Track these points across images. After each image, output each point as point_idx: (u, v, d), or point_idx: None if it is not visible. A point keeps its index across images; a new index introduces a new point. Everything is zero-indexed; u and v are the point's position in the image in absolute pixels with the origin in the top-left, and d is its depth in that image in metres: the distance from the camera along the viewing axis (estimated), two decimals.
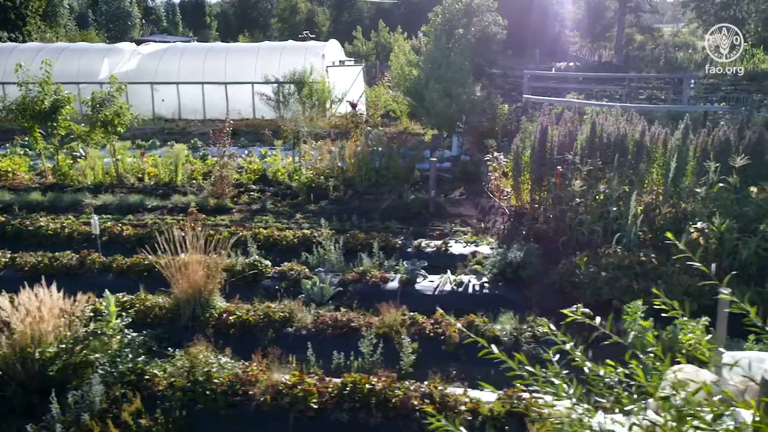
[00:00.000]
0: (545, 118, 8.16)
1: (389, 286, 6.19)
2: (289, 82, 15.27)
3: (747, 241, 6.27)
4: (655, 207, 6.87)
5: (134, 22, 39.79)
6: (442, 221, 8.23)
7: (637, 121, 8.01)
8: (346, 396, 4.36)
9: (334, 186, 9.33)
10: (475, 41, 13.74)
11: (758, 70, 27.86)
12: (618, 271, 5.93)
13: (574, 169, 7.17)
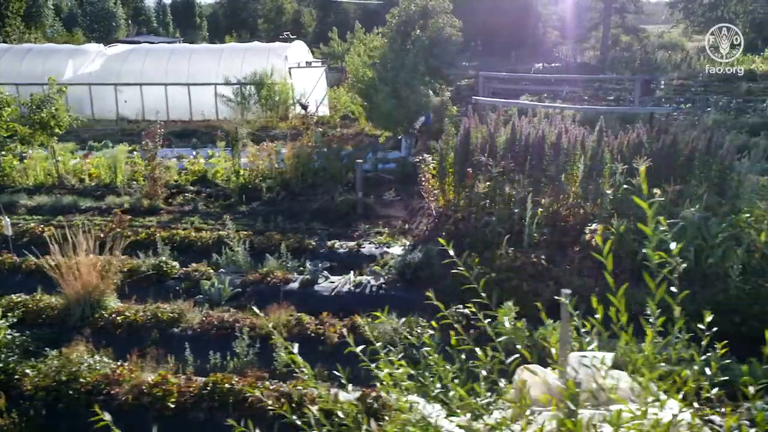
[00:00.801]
0: (468, 121, 8.22)
1: (289, 287, 6.24)
2: (247, 84, 15.37)
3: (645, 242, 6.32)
4: (557, 208, 6.92)
5: (119, 23, 39.87)
6: (368, 222, 8.28)
7: (558, 123, 8.07)
8: (205, 396, 4.41)
9: (268, 187, 9.39)
10: (429, 43, 13.79)
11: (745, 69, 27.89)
12: (510, 272, 5.98)
13: (485, 171, 7.23)
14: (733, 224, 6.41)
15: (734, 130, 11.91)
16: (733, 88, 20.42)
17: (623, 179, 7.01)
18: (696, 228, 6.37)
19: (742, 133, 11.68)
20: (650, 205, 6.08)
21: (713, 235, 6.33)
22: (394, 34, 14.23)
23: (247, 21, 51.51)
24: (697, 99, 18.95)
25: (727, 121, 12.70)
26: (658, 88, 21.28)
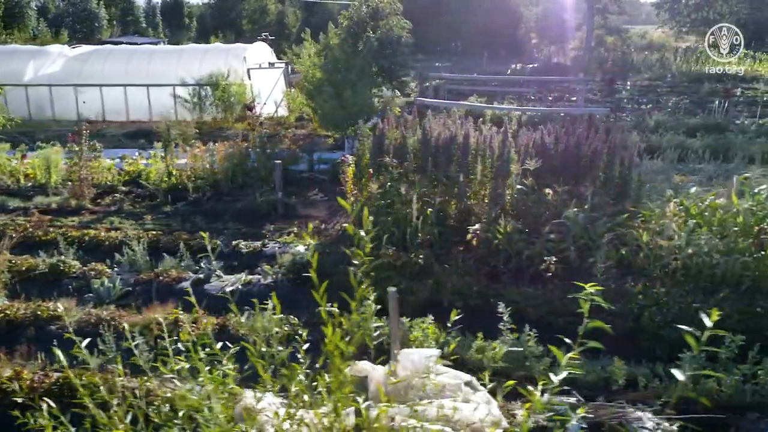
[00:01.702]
0: (384, 123, 8.33)
1: (180, 286, 6.34)
2: (201, 85, 15.47)
3: (530, 240, 6.45)
4: (454, 208, 7.02)
5: (102, 24, 39.98)
6: (286, 222, 8.38)
7: (470, 123, 8.16)
8: (56, 391, 4.52)
9: (194, 188, 9.49)
10: (379, 44, 13.90)
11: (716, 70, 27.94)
12: (391, 271, 6.09)
13: (385, 172, 7.34)
14: (619, 224, 6.52)
15: (672, 131, 12.01)
16: (699, 89, 20.52)
17: (518, 180, 7.14)
18: (581, 228, 6.48)
19: (679, 134, 11.78)
20: (539, 206, 6.19)
21: (598, 234, 6.44)
22: (346, 35, 14.35)
23: (235, 21, 51.51)
24: (661, 99, 19.08)
25: (668, 122, 12.80)
26: (624, 89, 21.38)
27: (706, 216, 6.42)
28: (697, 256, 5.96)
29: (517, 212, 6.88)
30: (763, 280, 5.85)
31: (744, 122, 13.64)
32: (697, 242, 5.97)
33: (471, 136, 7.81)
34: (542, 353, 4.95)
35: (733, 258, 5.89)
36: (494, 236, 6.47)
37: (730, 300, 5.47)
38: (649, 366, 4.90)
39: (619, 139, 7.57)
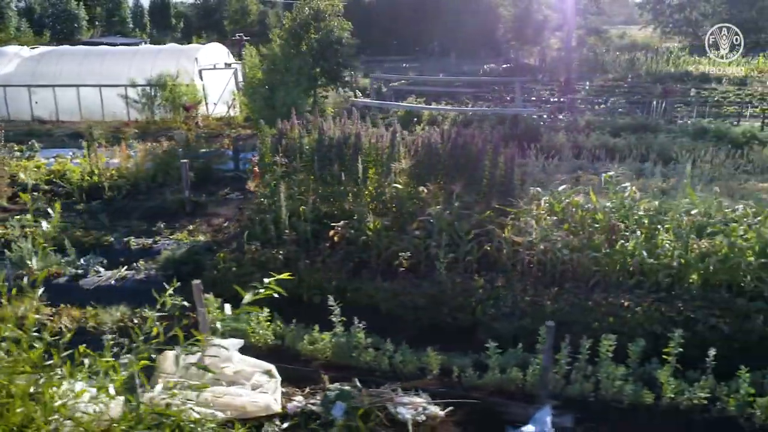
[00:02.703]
0: (285, 124, 8.52)
1: (57, 281, 6.55)
2: (149, 85, 15.66)
3: (399, 237, 6.63)
4: (332, 206, 7.21)
5: (81, 24, 40.20)
6: (191, 220, 8.57)
7: (363, 123, 8.34)
8: None
9: (110, 186, 9.67)
10: (319, 45, 14.08)
11: (681, 70, 28.12)
12: (254, 266, 6.28)
13: (271, 170, 7.53)
14: (483, 221, 6.70)
15: (599, 131, 12.19)
16: (655, 89, 20.69)
17: (393, 179, 7.34)
18: (447, 225, 6.66)
19: (605, 134, 11.97)
20: (409, 203, 6.42)
21: (465, 231, 6.62)
22: (287, 36, 14.54)
23: (219, 22, 51.72)
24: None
25: (597, 122, 12.98)
26: (584, 89, 21.57)
27: (566, 213, 6.60)
28: (550, 252, 6.14)
29: (392, 209, 7.07)
30: (612, 274, 6.04)
31: (679, 122, 13.82)
32: (550, 238, 6.15)
33: (362, 136, 8.00)
34: (369, 344, 5.15)
35: (584, 254, 6.08)
36: (363, 233, 6.66)
37: (568, 294, 5.65)
38: (475, 356, 5.09)
39: (498, 139, 7.74)
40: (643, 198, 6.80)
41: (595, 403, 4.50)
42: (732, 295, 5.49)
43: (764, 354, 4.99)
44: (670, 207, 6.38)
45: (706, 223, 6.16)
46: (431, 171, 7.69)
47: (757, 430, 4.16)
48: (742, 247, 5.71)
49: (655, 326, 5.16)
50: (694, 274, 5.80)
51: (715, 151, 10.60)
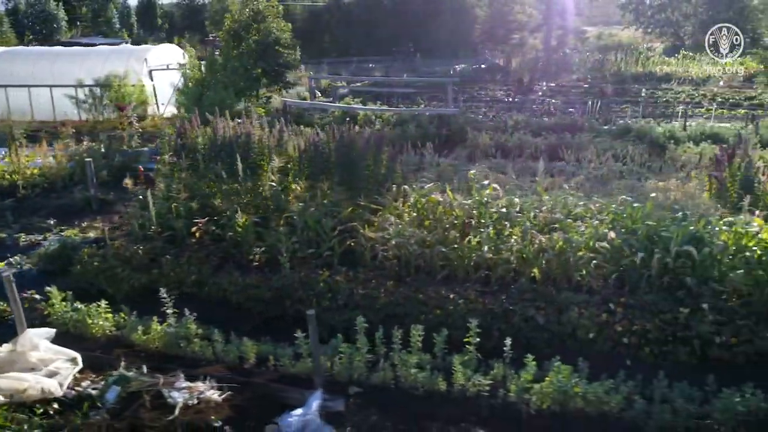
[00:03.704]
0: (186, 124, 8.73)
1: None
2: (95, 86, 15.86)
3: (267, 234, 6.84)
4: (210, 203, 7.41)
5: (60, 25, 40.44)
6: (93, 217, 8.78)
7: (258, 124, 8.55)
8: None
9: (24, 185, 9.88)
10: (256, 47, 14.29)
11: (646, 70, 28.26)
12: (118, 261, 6.48)
13: (163, 168, 7.74)
14: (347, 218, 6.90)
15: (522, 130, 12.40)
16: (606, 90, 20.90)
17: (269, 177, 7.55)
18: (314, 221, 6.87)
19: (527, 134, 12.17)
20: (283, 201, 6.60)
21: (331, 228, 6.83)
22: (227, 37, 14.75)
23: (203, 22, 51.87)
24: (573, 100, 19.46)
25: (524, 122, 13.18)
26: (541, 89, 21.78)
27: (427, 210, 6.81)
28: (403, 247, 6.34)
29: (269, 206, 7.27)
30: (460, 269, 6.25)
31: (620, 122, 14.00)
32: (403, 234, 6.36)
33: (253, 136, 8.22)
34: (205, 335, 5.36)
35: (434, 249, 6.28)
36: (232, 229, 6.87)
37: (405, 287, 5.85)
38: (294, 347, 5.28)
39: (379, 139, 7.94)
40: (507, 195, 7.00)
41: (395, 390, 4.71)
42: (562, 289, 5.71)
43: (577, 344, 5.21)
44: (524, 204, 6.58)
45: (552, 219, 6.37)
46: (319, 169, 7.93)
47: (533, 415, 4.36)
48: (577, 242, 5.92)
49: (475, 318, 5.36)
50: (535, 268, 6.01)
51: (630, 149, 10.79)
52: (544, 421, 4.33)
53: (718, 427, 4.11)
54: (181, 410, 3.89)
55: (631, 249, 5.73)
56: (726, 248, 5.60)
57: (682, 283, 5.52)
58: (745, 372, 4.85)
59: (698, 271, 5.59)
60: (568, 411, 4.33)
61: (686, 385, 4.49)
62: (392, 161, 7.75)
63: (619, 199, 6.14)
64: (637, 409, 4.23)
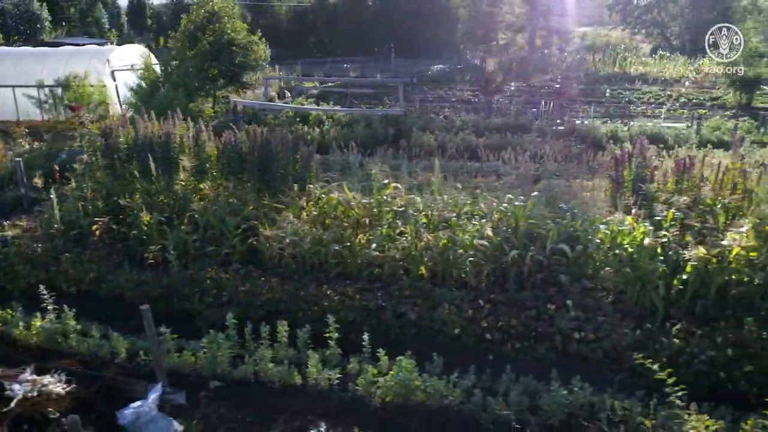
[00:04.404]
0: (113, 123, 8.84)
1: None
2: (56, 86, 15.96)
3: (167, 230, 6.95)
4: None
5: (44, 25, 40.54)
6: (20, 216, 8.89)
7: (182, 124, 8.65)
8: None
9: None
10: (210, 47, 14.39)
11: (620, 71, 28.35)
12: (18, 258, 6.60)
13: (74, 168, 7.86)
14: (248, 216, 7.01)
15: (466, 130, 12.51)
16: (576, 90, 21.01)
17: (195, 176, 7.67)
18: (219, 220, 6.98)
19: (470, 134, 12.28)
20: (193, 200, 6.65)
21: (235, 226, 6.94)
22: (183, 38, 14.85)
23: None
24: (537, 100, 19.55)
25: (470, 122, 13.30)
26: (509, 89, 21.88)
27: (329, 208, 6.92)
28: (298, 245, 6.45)
29: (173, 205, 7.38)
30: (352, 267, 6.36)
31: (579, 122, 14.09)
32: (298, 233, 6.47)
33: (174, 136, 8.32)
34: (83, 330, 5.47)
35: (328, 247, 6.39)
36: (138, 227, 6.98)
37: (288, 284, 5.96)
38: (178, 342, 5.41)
39: (296, 139, 8.06)
40: (409, 193, 7.11)
41: (254, 384, 4.83)
42: (442, 286, 5.83)
43: (446, 339, 5.33)
44: (419, 203, 6.69)
45: (445, 218, 6.48)
46: (236, 169, 8.04)
47: (378, 407, 4.48)
48: (461, 240, 6.03)
49: (349, 314, 5.48)
50: (422, 266, 6.12)
51: (567, 148, 10.91)
52: (387, 414, 4.45)
53: (547, 418, 4.23)
54: (19, 402, 4.00)
55: (511, 247, 5.85)
56: (600, 246, 5.72)
57: (557, 280, 5.64)
58: (602, 367, 4.99)
59: (573, 269, 5.71)
60: (410, 404, 4.45)
61: (531, 379, 4.61)
62: (306, 161, 7.85)
63: (506, 198, 6.24)
64: (474, 402, 4.35)
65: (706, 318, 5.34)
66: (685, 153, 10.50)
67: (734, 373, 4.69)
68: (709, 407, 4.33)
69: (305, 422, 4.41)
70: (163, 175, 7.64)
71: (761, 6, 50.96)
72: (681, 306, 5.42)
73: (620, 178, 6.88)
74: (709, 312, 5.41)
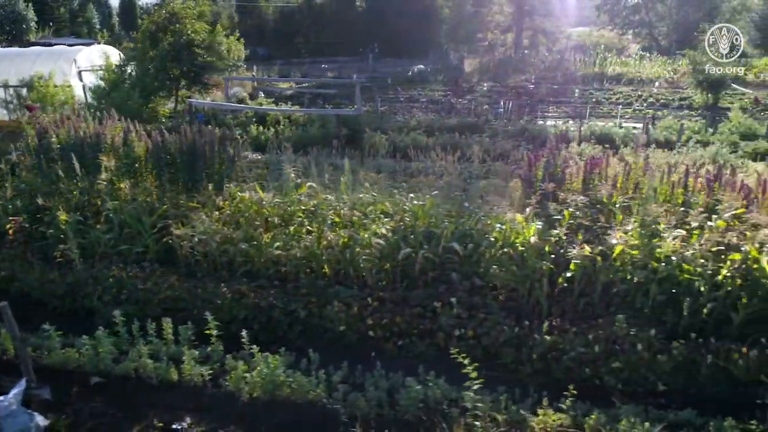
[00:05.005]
0: (48, 123, 8.92)
1: None
2: (20, 86, 16.06)
3: (85, 230, 7.04)
4: None
5: (29, 25, 40.69)
6: None
7: (117, 124, 8.73)
8: None
9: None
10: (170, 48, 14.48)
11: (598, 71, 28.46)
12: None
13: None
14: (162, 214, 7.09)
15: (418, 130, 12.61)
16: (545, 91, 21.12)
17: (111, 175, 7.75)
18: (135, 219, 7.07)
19: (421, 134, 12.39)
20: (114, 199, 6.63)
21: (150, 225, 7.02)
22: (144, 39, 14.94)
23: None
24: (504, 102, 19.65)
25: (425, 122, 13.40)
26: (481, 90, 22.00)
27: (242, 207, 7.01)
28: (207, 244, 6.54)
29: (93, 204, 7.46)
30: (259, 265, 6.44)
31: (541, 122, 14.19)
32: (207, 232, 6.55)
33: (103, 136, 8.41)
34: None
35: (235, 246, 6.48)
36: (55, 226, 7.05)
37: (189, 282, 6.05)
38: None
39: (220, 139, 8.14)
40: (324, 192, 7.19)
41: (135, 380, 4.91)
42: (339, 285, 5.92)
43: (334, 336, 5.42)
44: (326, 203, 6.78)
45: (352, 217, 6.56)
46: (163, 169, 8.12)
47: (246, 402, 4.57)
48: (362, 239, 6.12)
49: (241, 312, 5.58)
50: (324, 264, 6.21)
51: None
52: (254, 408, 4.54)
53: (403, 413, 4.32)
54: None
55: (407, 245, 5.94)
56: (492, 245, 5.81)
57: (449, 278, 5.73)
58: (481, 363, 5.08)
59: (465, 267, 5.80)
60: (277, 399, 4.54)
61: (401, 376, 4.70)
62: (231, 161, 7.95)
63: (409, 197, 6.34)
64: (335, 397, 4.44)
65: (594, 316, 5.44)
66: (630, 153, 10.61)
67: (601, 369, 4.79)
68: (570, 402, 4.41)
69: (174, 417, 4.50)
70: (87, 175, 7.71)
71: (750, 6, 51.16)
72: (567, 304, 5.52)
73: (532, 177, 6.96)
74: (596, 310, 5.52)
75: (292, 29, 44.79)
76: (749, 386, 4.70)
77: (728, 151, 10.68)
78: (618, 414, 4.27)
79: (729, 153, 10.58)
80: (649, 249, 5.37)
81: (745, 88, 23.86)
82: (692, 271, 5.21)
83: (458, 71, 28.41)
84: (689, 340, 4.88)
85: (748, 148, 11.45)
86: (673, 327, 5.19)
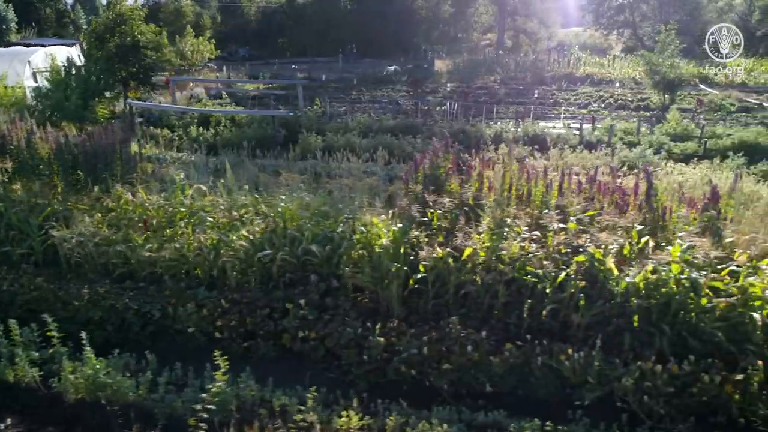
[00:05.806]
0: None
1: None
2: None
3: None
4: None
5: (9, 26, 40.77)
6: None
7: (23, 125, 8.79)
8: None
9: None
10: (116, 50, 14.52)
11: (571, 72, 28.51)
12: None
13: None
14: (49, 215, 7.13)
15: (353, 131, 12.66)
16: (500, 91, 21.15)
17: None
18: (22, 220, 7.11)
19: (355, 135, 12.42)
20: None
21: (37, 226, 7.07)
22: (91, 40, 14.99)
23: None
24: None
25: (364, 123, 13.45)
26: (443, 91, 22.06)
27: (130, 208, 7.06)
28: (85, 246, 6.58)
29: None
30: (135, 266, 6.49)
31: (479, 123, 14.21)
32: (83, 233, 6.60)
33: (8, 137, 8.45)
34: None
35: (111, 248, 6.52)
36: None
37: (73, 283, 6.10)
38: None
39: (121, 141, 8.20)
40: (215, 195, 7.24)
41: None
42: (199, 286, 5.97)
43: (186, 337, 5.47)
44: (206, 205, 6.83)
45: (233, 218, 6.61)
46: (71, 170, 8.20)
47: (71, 403, 4.61)
48: (229, 240, 6.16)
49: (97, 313, 5.62)
50: (197, 266, 6.25)
51: None
52: (79, 408, 4.58)
53: (214, 412, 4.36)
54: None
55: (271, 247, 5.98)
56: (351, 247, 5.85)
57: (307, 280, 5.78)
58: (323, 365, 5.14)
59: (325, 269, 5.85)
60: (100, 400, 4.58)
61: (230, 376, 4.74)
62: (128, 163, 8.01)
63: (279, 198, 6.39)
64: (153, 398, 4.49)
65: (447, 317, 5.48)
66: (556, 154, 10.67)
67: (428, 370, 4.83)
68: (388, 404, 4.45)
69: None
70: None
71: (735, 6, 51.22)
72: (419, 305, 5.57)
73: (414, 178, 7.01)
74: (451, 311, 5.56)
75: (273, 29, 44.86)
76: (576, 387, 4.75)
77: (652, 152, 10.72)
78: (429, 416, 4.31)
79: (653, 154, 10.62)
80: (494, 251, 5.41)
81: (711, 89, 23.95)
82: (535, 273, 5.26)
83: (429, 72, 28.43)
84: (526, 342, 4.93)
85: (677, 149, 11.49)
86: (516, 328, 5.24)
